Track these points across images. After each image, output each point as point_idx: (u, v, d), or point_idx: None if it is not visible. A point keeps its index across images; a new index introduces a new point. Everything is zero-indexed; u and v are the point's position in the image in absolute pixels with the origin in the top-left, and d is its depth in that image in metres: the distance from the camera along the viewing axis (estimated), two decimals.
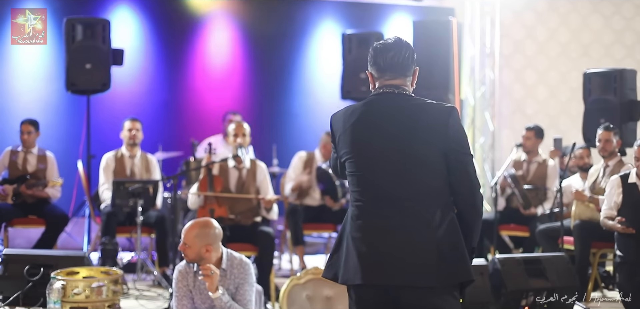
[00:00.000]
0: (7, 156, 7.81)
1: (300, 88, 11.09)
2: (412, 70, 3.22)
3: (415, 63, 3.23)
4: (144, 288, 7.10)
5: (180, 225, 7.68)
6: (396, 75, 3.20)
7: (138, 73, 10.54)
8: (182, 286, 4.77)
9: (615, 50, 11.11)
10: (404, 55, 3.19)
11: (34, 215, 7.70)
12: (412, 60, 3.21)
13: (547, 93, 11.15)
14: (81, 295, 5.51)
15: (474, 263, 5.96)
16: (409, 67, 3.19)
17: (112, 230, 7.27)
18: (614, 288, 7.24)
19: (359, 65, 9.08)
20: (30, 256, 6.17)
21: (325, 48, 10.98)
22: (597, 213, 6.74)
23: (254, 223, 6.89)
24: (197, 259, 4.68)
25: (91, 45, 8.27)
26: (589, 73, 8.04)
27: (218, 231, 4.78)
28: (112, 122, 9.32)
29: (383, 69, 3.21)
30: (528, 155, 8.18)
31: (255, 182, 6.99)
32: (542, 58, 11.13)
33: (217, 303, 4.65)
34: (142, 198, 7.19)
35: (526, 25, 11.11)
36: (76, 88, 8.35)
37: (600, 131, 6.95)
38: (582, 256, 6.77)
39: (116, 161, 7.85)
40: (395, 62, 3.19)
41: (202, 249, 4.67)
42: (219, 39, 10.95)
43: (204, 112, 10.67)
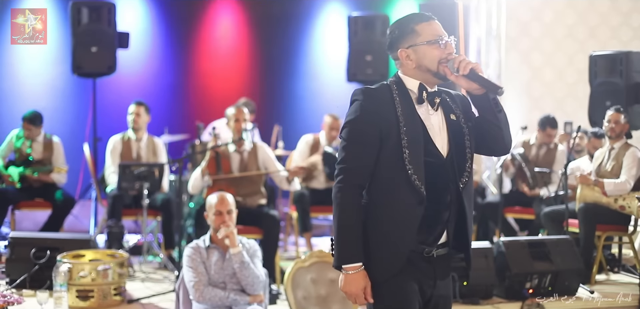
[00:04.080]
0: (13, 141, 7.83)
1: (305, 71, 11.08)
2: (395, 50, 3.05)
3: (403, 43, 3.01)
4: (150, 270, 7.13)
5: (185, 207, 7.71)
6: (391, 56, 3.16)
7: (144, 56, 10.55)
8: (196, 258, 4.97)
9: (622, 32, 11.04)
10: (388, 35, 3.12)
11: (41, 198, 7.73)
12: (395, 39, 3.04)
13: (554, 76, 11.10)
14: (87, 278, 5.55)
15: (479, 246, 6.01)
16: (391, 47, 3.07)
17: (118, 213, 7.30)
18: (619, 270, 7.25)
19: (364, 47, 9.07)
20: (37, 239, 6.22)
21: (331, 30, 10.96)
22: (602, 195, 6.74)
23: (259, 205, 6.91)
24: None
25: (97, 28, 8.28)
26: (595, 56, 8.02)
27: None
28: (118, 105, 9.34)
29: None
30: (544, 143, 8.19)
31: (257, 163, 7.01)
32: (548, 41, 11.08)
33: (237, 259, 4.89)
34: (148, 181, 7.22)
35: (532, 7, 11.06)
36: (82, 72, 8.37)
37: (610, 112, 6.93)
38: (587, 239, 6.77)
39: (123, 145, 7.87)
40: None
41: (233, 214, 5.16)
42: (225, 21, 10.95)
43: (209, 95, 10.68)
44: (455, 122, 3.03)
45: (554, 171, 7.96)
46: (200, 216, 6.29)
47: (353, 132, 2.95)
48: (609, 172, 6.83)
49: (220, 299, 4.85)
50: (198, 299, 4.86)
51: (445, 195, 2.97)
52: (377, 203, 2.96)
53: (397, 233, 2.92)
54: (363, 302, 2.95)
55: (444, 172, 2.97)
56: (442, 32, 3.00)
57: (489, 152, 3.15)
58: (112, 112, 9.55)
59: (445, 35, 3.00)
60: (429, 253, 2.97)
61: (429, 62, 2.97)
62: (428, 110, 3.00)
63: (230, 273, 4.95)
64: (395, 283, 2.95)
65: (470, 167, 3.03)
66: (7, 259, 6.08)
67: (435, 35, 2.98)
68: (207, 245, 5.04)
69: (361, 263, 2.92)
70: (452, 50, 2.98)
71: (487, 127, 3.00)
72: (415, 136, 2.93)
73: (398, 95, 2.98)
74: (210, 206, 5.10)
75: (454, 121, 3.03)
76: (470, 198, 3.04)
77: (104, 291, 5.62)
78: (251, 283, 4.90)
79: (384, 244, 2.93)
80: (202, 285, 4.87)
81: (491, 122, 2.99)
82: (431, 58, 2.97)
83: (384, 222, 2.94)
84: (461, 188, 2.98)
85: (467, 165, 3.01)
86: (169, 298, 6.09)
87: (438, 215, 2.96)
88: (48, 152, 7.84)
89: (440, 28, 3.02)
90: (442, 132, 3.00)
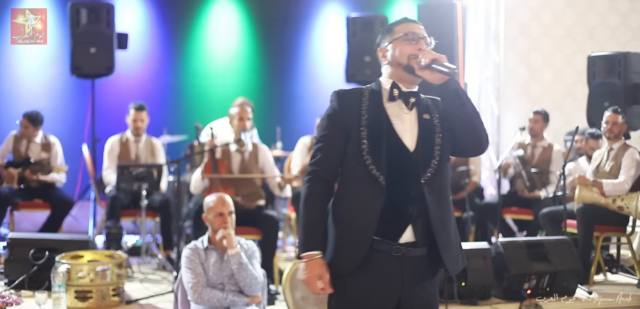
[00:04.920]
0: (11, 141, 7.84)
1: (304, 71, 11.09)
2: (377, 52, 3.18)
3: (381, 42, 3.15)
4: (149, 271, 7.13)
5: (184, 208, 7.71)
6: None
7: (142, 57, 10.56)
8: (194, 259, 4.97)
9: (621, 32, 11.06)
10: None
11: (40, 198, 7.73)
12: (378, 42, 3.17)
13: (552, 76, 11.12)
14: (86, 279, 5.55)
15: (477, 246, 6.02)
16: (376, 50, 3.19)
17: (116, 214, 7.30)
18: (617, 271, 7.25)
19: (363, 48, 9.08)
20: (36, 239, 6.22)
21: (330, 31, 10.97)
22: (601, 196, 6.75)
23: (257, 206, 6.91)
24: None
25: (96, 29, 8.29)
26: (594, 57, 8.02)
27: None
28: (117, 105, 9.35)
29: None
30: (533, 139, 8.17)
31: (257, 164, 7.01)
32: (547, 41, 11.09)
33: (235, 260, 4.89)
34: (147, 182, 7.22)
35: (531, 8, 11.07)
36: (81, 72, 8.39)
37: (607, 113, 6.93)
38: (585, 240, 6.77)
39: (121, 145, 7.87)
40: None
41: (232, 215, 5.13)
42: (224, 22, 10.95)
43: (208, 96, 10.69)
44: (428, 121, 3.07)
45: (552, 172, 7.96)
46: (199, 217, 6.29)
47: (321, 130, 3.10)
48: (608, 173, 6.84)
49: (219, 300, 4.86)
50: (196, 300, 4.87)
51: (410, 189, 2.98)
52: (341, 197, 3.05)
53: (357, 224, 2.97)
54: (318, 291, 2.98)
55: (408, 165, 3.00)
56: (419, 32, 3.08)
57: (463, 153, 3.14)
58: (111, 112, 9.56)
59: (422, 35, 3.08)
60: (398, 252, 2.96)
61: (399, 56, 3.05)
62: (401, 108, 3.06)
63: (228, 274, 4.95)
64: (358, 278, 2.99)
65: (438, 164, 3.01)
66: (6, 260, 6.07)
67: (407, 31, 3.07)
68: (206, 246, 5.04)
69: (318, 252, 2.99)
70: (423, 46, 3.05)
71: (456, 122, 3.01)
72: (378, 130, 3.01)
73: (369, 94, 3.09)
74: (210, 208, 5.11)
75: (426, 119, 3.07)
76: (439, 196, 3.01)
77: (103, 292, 5.61)
78: (249, 284, 4.91)
79: (345, 236, 2.99)
80: (201, 286, 4.87)
81: (457, 116, 2.99)
82: (402, 53, 3.05)
83: (345, 214, 3.01)
84: (423, 182, 2.97)
85: (434, 161, 3.01)
86: (168, 298, 6.09)
87: (401, 207, 2.97)
88: (47, 152, 7.85)
89: (417, 28, 3.10)
90: (413, 129, 3.05)
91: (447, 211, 3.04)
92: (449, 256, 3.02)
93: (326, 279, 2.98)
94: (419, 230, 2.98)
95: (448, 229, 3.03)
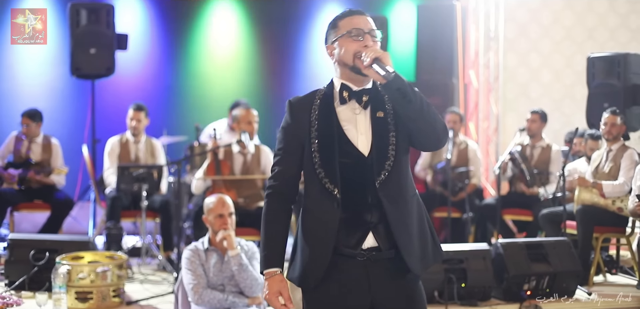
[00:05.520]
0: (12, 142, 7.85)
1: (304, 73, 11.09)
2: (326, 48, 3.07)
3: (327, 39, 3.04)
4: (149, 272, 7.13)
5: (184, 209, 7.72)
6: None
7: (142, 57, 10.56)
8: (195, 261, 4.98)
9: (620, 33, 11.06)
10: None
11: (40, 199, 7.74)
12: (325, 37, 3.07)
13: (552, 77, 11.13)
14: (86, 279, 5.56)
15: (477, 247, 6.03)
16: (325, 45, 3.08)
17: (116, 215, 7.31)
18: (617, 272, 7.26)
19: None
20: (36, 240, 6.23)
21: None
22: (600, 197, 6.76)
23: (258, 207, 6.92)
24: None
25: (95, 29, 8.30)
26: (593, 58, 8.03)
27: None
28: (117, 106, 9.35)
29: None
30: (532, 139, 8.17)
31: (260, 166, 7.02)
32: (546, 42, 11.10)
33: (235, 261, 4.91)
34: (147, 183, 7.22)
35: (530, 9, 11.08)
36: (81, 73, 8.39)
37: (606, 115, 6.94)
38: (585, 241, 6.78)
39: (121, 146, 7.88)
40: None
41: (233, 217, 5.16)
42: (224, 23, 10.96)
43: (208, 97, 10.70)
44: (381, 119, 2.94)
45: (551, 173, 7.97)
46: (199, 218, 6.29)
47: (278, 143, 3.06)
48: (607, 174, 6.85)
49: (219, 301, 4.87)
50: (196, 301, 4.88)
51: (366, 195, 2.90)
52: (305, 209, 3.02)
53: (317, 238, 2.94)
54: (279, 307, 2.97)
55: (362, 172, 2.91)
56: (364, 26, 2.94)
57: (421, 147, 3.06)
58: (111, 113, 9.56)
59: (367, 29, 2.93)
60: (362, 257, 2.91)
61: (345, 56, 2.94)
62: (353, 110, 2.95)
63: (228, 276, 4.96)
64: (326, 287, 2.95)
65: (392, 165, 2.90)
66: (6, 261, 6.08)
67: (351, 28, 2.93)
68: (206, 248, 5.05)
69: (277, 269, 2.98)
70: (369, 43, 2.91)
71: (406, 121, 2.89)
72: (328, 139, 2.93)
73: (320, 100, 3.00)
74: (210, 209, 5.11)
75: (380, 118, 2.94)
76: (396, 197, 2.91)
77: (103, 293, 5.62)
78: (249, 285, 4.92)
79: (309, 249, 2.96)
80: (201, 287, 4.88)
81: (406, 115, 2.86)
82: (347, 52, 2.93)
83: (308, 227, 2.99)
84: (378, 186, 2.88)
85: (388, 162, 2.90)
86: (168, 299, 6.10)
87: (359, 216, 2.91)
88: (47, 153, 7.85)
89: (362, 22, 2.95)
90: (368, 130, 2.93)
91: (406, 211, 2.93)
92: (410, 257, 2.92)
93: (286, 295, 2.97)
94: (381, 235, 2.91)
95: (409, 229, 2.93)
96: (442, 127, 2.92)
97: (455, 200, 8.04)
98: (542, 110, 8.24)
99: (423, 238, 3.01)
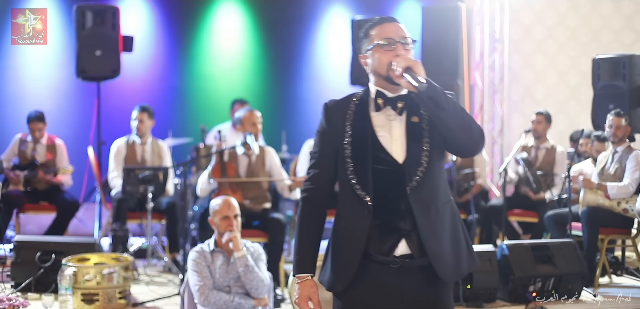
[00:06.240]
0: (16, 144, 7.87)
1: (309, 74, 11.10)
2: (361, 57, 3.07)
3: (361, 48, 3.04)
4: (155, 273, 7.15)
5: (190, 211, 7.72)
6: None
7: (148, 59, 10.58)
8: (201, 262, 5.00)
9: (625, 35, 11.06)
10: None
11: (46, 201, 7.76)
12: (359, 46, 3.07)
13: (557, 78, 11.11)
14: (92, 281, 5.57)
15: (482, 249, 6.03)
16: (359, 54, 3.08)
17: (122, 216, 7.32)
18: (622, 273, 7.26)
19: None
20: (42, 242, 6.25)
21: (335, 33, 10.97)
22: (605, 199, 6.76)
23: (264, 209, 6.92)
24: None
25: (101, 32, 8.33)
26: (598, 59, 8.02)
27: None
28: (123, 108, 9.37)
29: None
30: (537, 140, 8.18)
31: (264, 167, 7.03)
32: (551, 43, 11.09)
33: (241, 263, 4.92)
34: (153, 185, 7.24)
35: (535, 10, 11.07)
36: (86, 75, 8.42)
37: (610, 117, 6.94)
38: (590, 242, 6.78)
39: (127, 148, 7.89)
40: None
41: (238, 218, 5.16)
42: (229, 24, 10.97)
43: (213, 98, 10.70)
44: (416, 125, 2.93)
45: (556, 174, 7.97)
46: (205, 220, 6.31)
47: (313, 147, 3.10)
48: (613, 175, 6.85)
49: (225, 303, 4.88)
50: (203, 303, 4.89)
51: (399, 202, 2.90)
52: (338, 214, 3.04)
53: (347, 243, 2.96)
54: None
55: (395, 179, 2.90)
56: (395, 34, 2.93)
57: (456, 152, 3.04)
58: (117, 115, 9.59)
59: (399, 38, 2.92)
60: (395, 264, 2.91)
61: (379, 66, 2.94)
62: (388, 116, 2.95)
63: (234, 277, 4.97)
64: (355, 294, 2.97)
65: (425, 171, 2.89)
66: (13, 262, 6.10)
67: (383, 37, 2.92)
68: (212, 249, 5.06)
69: (308, 275, 3.02)
70: (400, 51, 2.91)
71: (440, 128, 2.87)
72: (362, 146, 2.93)
73: (356, 106, 3.00)
74: (216, 211, 5.12)
75: (414, 123, 2.93)
76: (428, 204, 2.90)
77: (109, 295, 5.63)
78: (255, 286, 4.93)
79: (339, 254, 2.99)
80: (207, 289, 4.89)
81: (438, 122, 2.84)
82: (381, 62, 2.93)
83: (340, 232, 3.01)
84: (409, 193, 2.87)
85: (420, 169, 2.89)
86: (174, 301, 6.11)
87: (391, 223, 2.91)
88: (52, 154, 7.87)
89: (393, 30, 2.95)
90: (403, 137, 2.93)
91: (437, 218, 2.91)
92: (440, 264, 2.90)
93: (316, 300, 3.00)
94: (413, 242, 2.90)
95: (439, 237, 2.91)
96: (478, 132, 2.90)
97: (460, 201, 8.04)
98: (547, 112, 8.24)
99: (456, 246, 3.00)
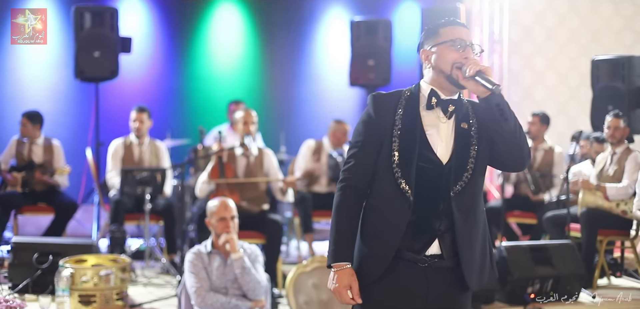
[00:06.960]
0: (13, 146, 7.86)
1: (308, 75, 11.09)
2: (419, 51, 3.07)
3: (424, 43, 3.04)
4: (152, 275, 7.14)
5: (188, 212, 7.72)
6: None
7: (146, 61, 10.58)
8: (198, 264, 5.00)
9: (625, 36, 11.04)
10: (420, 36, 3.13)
11: (44, 202, 7.75)
12: (421, 40, 3.07)
13: (556, 80, 11.10)
14: (89, 283, 5.56)
15: None
16: (419, 48, 3.08)
17: (120, 218, 7.31)
18: (621, 275, 7.24)
19: (367, 52, 9.08)
20: (39, 244, 6.25)
21: (334, 35, 10.97)
22: (604, 200, 6.74)
23: (261, 210, 6.91)
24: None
25: (99, 33, 8.32)
26: (597, 61, 8.01)
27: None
28: (121, 109, 9.36)
29: None
30: (534, 141, 8.16)
31: (263, 169, 7.02)
32: (551, 45, 11.07)
33: (238, 264, 4.93)
34: (150, 186, 7.23)
35: (535, 11, 11.06)
36: (85, 76, 8.42)
37: (609, 118, 6.93)
38: (589, 244, 6.77)
39: (125, 149, 7.88)
40: None
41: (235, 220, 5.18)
42: (227, 26, 10.96)
43: (212, 100, 10.70)
44: (465, 131, 2.97)
45: (555, 175, 7.95)
46: (203, 221, 6.29)
47: (356, 136, 3.04)
48: (611, 177, 6.83)
49: (222, 304, 4.87)
50: (200, 304, 4.88)
51: (438, 202, 2.93)
52: (371, 206, 3.02)
53: (383, 235, 2.95)
54: (347, 300, 2.98)
55: (439, 179, 2.94)
56: (466, 38, 2.95)
57: (502, 166, 3.10)
58: (115, 116, 9.57)
59: (469, 41, 2.95)
60: (423, 263, 2.93)
61: (443, 64, 2.95)
62: (439, 117, 2.97)
63: (231, 279, 4.96)
64: (383, 286, 2.97)
65: (470, 177, 2.94)
66: (10, 264, 6.10)
67: (453, 37, 2.94)
68: (209, 251, 5.05)
69: (347, 263, 2.97)
70: (470, 55, 2.94)
71: (497, 138, 2.91)
72: (410, 140, 2.94)
73: (406, 101, 3.00)
74: (213, 213, 5.12)
75: (463, 129, 2.97)
76: (467, 210, 2.95)
77: (106, 296, 5.62)
78: (252, 288, 4.92)
79: (371, 245, 2.98)
80: (204, 291, 4.89)
81: (498, 132, 2.89)
82: (446, 60, 2.94)
83: (373, 224, 3.00)
84: (452, 196, 2.92)
85: (466, 174, 2.94)
86: (171, 303, 6.10)
87: (428, 222, 2.94)
88: (48, 155, 7.86)
89: (465, 33, 2.97)
90: (449, 139, 2.96)
91: (474, 225, 2.97)
92: (469, 271, 2.96)
93: (355, 290, 2.97)
94: (446, 243, 2.94)
95: (473, 244, 2.96)
96: (528, 151, 2.96)
97: None
98: (542, 113, 8.22)
99: (483, 256, 3.04)
